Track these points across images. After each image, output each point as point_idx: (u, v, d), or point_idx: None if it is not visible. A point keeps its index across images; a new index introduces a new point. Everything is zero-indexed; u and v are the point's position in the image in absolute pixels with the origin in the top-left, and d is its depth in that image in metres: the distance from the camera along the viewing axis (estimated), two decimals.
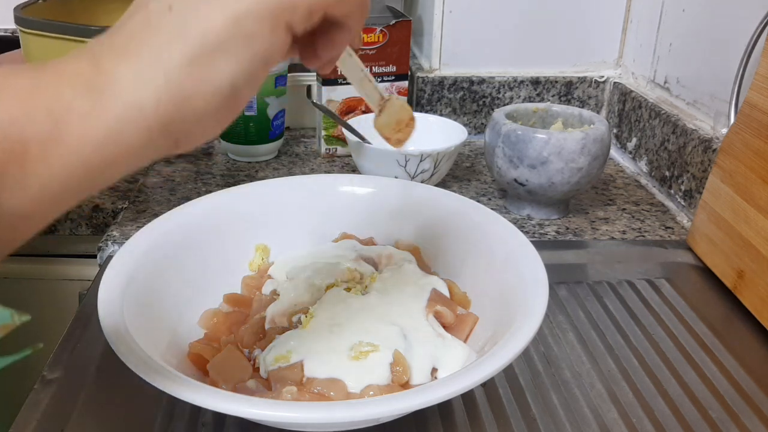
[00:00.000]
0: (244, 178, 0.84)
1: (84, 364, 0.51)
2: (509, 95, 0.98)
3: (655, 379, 0.52)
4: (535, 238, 0.72)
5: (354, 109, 0.89)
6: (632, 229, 0.74)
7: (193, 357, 0.49)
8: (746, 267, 0.60)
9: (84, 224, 0.76)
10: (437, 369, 0.48)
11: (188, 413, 0.47)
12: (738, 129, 0.63)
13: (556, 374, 0.52)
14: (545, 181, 0.71)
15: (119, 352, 0.40)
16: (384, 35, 0.86)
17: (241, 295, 0.57)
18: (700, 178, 0.74)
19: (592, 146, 0.70)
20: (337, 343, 0.48)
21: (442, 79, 0.96)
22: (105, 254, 0.67)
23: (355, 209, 0.63)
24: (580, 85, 0.98)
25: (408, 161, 0.74)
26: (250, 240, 0.60)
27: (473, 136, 0.99)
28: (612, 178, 0.88)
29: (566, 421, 0.47)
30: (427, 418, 0.47)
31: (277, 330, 0.51)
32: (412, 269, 0.57)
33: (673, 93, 0.84)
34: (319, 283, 0.54)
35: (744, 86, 0.66)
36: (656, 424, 0.47)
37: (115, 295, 0.45)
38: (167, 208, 0.58)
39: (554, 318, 0.59)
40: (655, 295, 0.63)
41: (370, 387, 0.44)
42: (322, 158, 0.92)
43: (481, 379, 0.39)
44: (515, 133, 0.71)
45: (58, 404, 0.47)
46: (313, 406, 0.38)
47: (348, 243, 0.61)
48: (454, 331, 0.51)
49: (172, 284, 0.52)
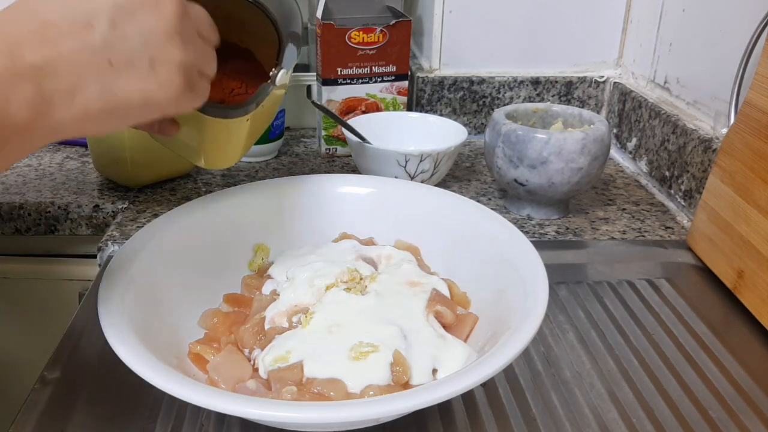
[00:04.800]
0: (244, 178, 0.84)
1: (84, 364, 0.51)
2: (509, 95, 0.98)
3: (655, 379, 0.52)
4: (535, 238, 0.72)
5: (354, 109, 0.89)
6: (632, 229, 0.74)
7: (193, 357, 0.49)
8: (746, 267, 0.60)
9: (84, 224, 0.76)
10: (437, 369, 0.48)
11: (188, 413, 0.47)
12: (738, 129, 0.63)
13: (556, 374, 0.52)
14: (545, 181, 0.71)
15: (119, 352, 0.40)
16: (384, 35, 0.86)
17: (241, 295, 0.57)
18: (700, 178, 0.74)
19: (592, 146, 0.70)
20: (337, 344, 0.48)
21: (442, 79, 0.97)
22: (105, 254, 0.67)
23: (355, 209, 0.63)
24: (580, 85, 0.98)
25: (408, 161, 0.74)
26: (250, 240, 0.60)
27: (473, 136, 0.99)
28: (612, 178, 0.88)
29: (566, 421, 0.47)
30: (427, 418, 0.47)
31: (277, 330, 0.51)
32: (412, 269, 0.57)
33: (673, 93, 0.84)
34: (318, 283, 0.54)
35: (744, 86, 0.66)
36: (656, 424, 0.47)
37: (115, 295, 0.45)
38: (167, 208, 0.58)
39: (554, 318, 0.59)
40: (655, 295, 0.63)
41: (370, 387, 0.44)
42: (322, 158, 0.92)
43: (481, 379, 0.39)
44: (515, 133, 0.71)
45: (58, 404, 0.47)
46: (313, 406, 0.38)
47: (348, 243, 0.61)
48: (454, 331, 0.51)
49: (172, 284, 0.52)
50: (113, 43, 0.38)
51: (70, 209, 0.75)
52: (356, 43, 0.85)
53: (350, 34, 0.85)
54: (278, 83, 0.54)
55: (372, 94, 0.89)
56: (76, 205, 0.75)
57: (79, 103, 0.37)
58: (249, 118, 0.53)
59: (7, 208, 0.74)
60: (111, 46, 0.38)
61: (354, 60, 0.86)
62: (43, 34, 0.36)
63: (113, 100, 0.39)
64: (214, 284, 0.56)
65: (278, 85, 0.54)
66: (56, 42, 0.36)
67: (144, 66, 0.39)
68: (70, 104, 0.37)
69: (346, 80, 0.87)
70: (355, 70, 0.87)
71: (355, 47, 0.85)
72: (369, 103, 0.90)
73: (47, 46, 0.36)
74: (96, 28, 0.37)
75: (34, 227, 0.75)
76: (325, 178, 0.64)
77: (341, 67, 0.86)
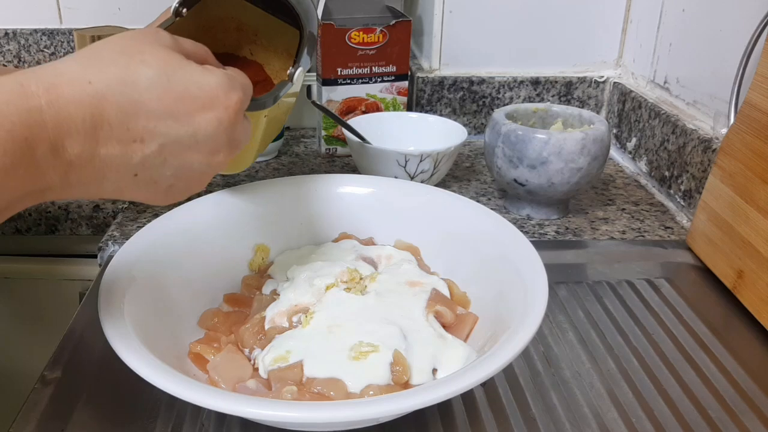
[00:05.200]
0: (244, 178, 0.84)
1: (84, 364, 0.51)
2: (509, 95, 0.98)
3: (655, 379, 0.52)
4: (535, 238, 0.72)
5: (354, 109, 0.89)
6: (632, 229, 0.74)
7: (193, 357, 0.49)
8: (746, 267, 0.60)
9: (84, 224, 0.76)
10: (437, 369, 0.48)
11: (188, 413, 0.47)
12: (738, 129, 0.63)
13: (556, 374, 0.52)
14: (545, 181, 0.71)
15: (119, 352, 0.40)
16: (384, 35, 0.86)
17: (241, 295, 0.57)
18: (699, 178, 0.74)
19: (591, 146, 0.70)
20: (336, 344, 0.48)
21: (442, 79, 0.97)
22: (105, 254, 0.67)
23: (355, 209, 0.63)
24: (580, 85, 0.98)
25: (408, 161, 0.74)
26: (250, 240, 0.60)
27: (473, 136, 0.99)
28: (612, 178, 0.88)
29: (566, 421, 0.47)
30: (427, 418, 0.47)
31: (277, 330, 0.51)
32: (412, 269, 0.57)
33: (673, 93, 0.84)
34: (318, 283, 0.54)
35: (744, 86, 0.66)
36: (656, 424, 0.47)
37: (115, 295, 0.45)
38: (167, 208, 0.58)
39: (554, 318, 0.59)
40: (655, 295, 0.63)
41: (370, 387, 0.44)
42: (322, 158, 0.92)
43: (481, 379, 0.39)
44: (515, 133, 0.71)
45: (58, 404, 0.47)
46: (313, 406, 0.38)
47: (348, 243, 0.61)
48: (454, 331, 0.51)
49: (172, 284, 0.52)
50: (149, 166, 0.39)
51: (70, 209, 0.75)
52: (356, 43, 0.85)
53: (350, 35, 0.85)
54: (296, 81, 0.54)
55: (372, 94, 0.89)
56: (76, 205, 0.75)
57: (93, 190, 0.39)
58: (267, 114, 0.53)
59: None
60: (146, 167, 0.39)
61: (354, 60, 0.86)
62: (95, 133, 0.36)
63: (123, 195, 0.41)
64: (214, 284, 0.56)
65: (295, 83, 0.54)
66: (101, 143, 0.37)
67: (162, 188, 0.42)
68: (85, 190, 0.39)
69: (346, 80, 0.87)
70: (355, 70, 0.87)
71: (355, 47, 0.85)
72: (369, 103, 0.90)
73: (89, 145, 0.36)
74: (144, 147, 0.39)
75: (34, 227, 0.75)
76: (325, 178, 0.64)
77: (341, 67, 0.86)
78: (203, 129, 0.40)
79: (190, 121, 0.40)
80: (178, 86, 0.39)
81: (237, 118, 0.42)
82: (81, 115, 0.35)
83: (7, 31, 1.06)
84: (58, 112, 0.35)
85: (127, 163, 0.38)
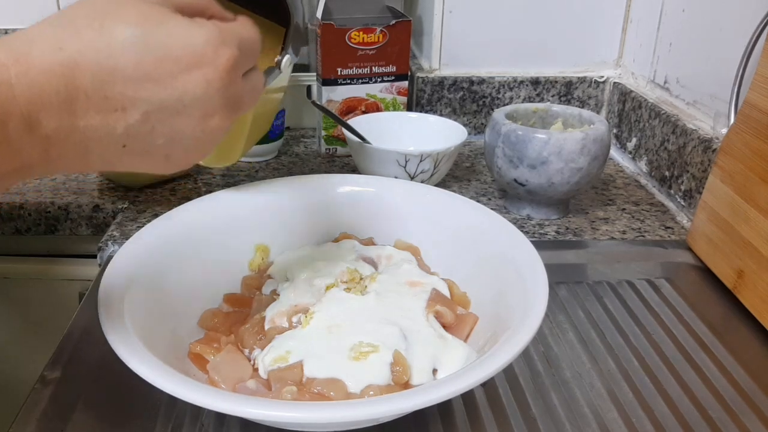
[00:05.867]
0: (244, 178, 0.84)
1: (84, 364, 0.51)
2: (509, 95, 0.98)
3: (655, 379, 0.52)
4: (535, 238, 0.72)
5: (354, 109, 0.89)
6: (632, 229, 0.74)
7: (193, 357, 0.49)
8: (746, 267, 0.60)
9: (84, 224, 0.76)
10: (437, 369, 0.48)
11: (188, 413, 0.47)
12: (738, 129, 0.63)
13: (556, 374, 0.52)
14: (545, 181, 0.71)
15: (119, 352, 0.40)
16: (384, 35, 0.86)
17: (241, 295, 0.57)
18: (699, 178, 0.74)
19: (591, 146, 0.70)
20: (336, 344, 0.48)
21: (442, 79, 0.97)
22: (105, 254, 0.67)
23: (355, 209, 0.63)
24: (580, 85, 0.98)
25: (408, 161, 0.74)
26: (250, 240, 0.60)
27: (473, 136, 0.99)
28: (612, 178, 0.88)
29: (566, 421, 0.47)
30: (427, 418, 0.47)
31: (277, 330, 0.51)
32: (412, 269, 0.57)
33: (673, 93, 0.84)
34: (318, 283, 0.54)
35: (744, 86, 0.66)
36: (656, 424, 0.47)
37: (115, 295, 0.45)
38: (167, 208, 0.58)
39: (554, 318, 0.59)
40: (655, 295, 0.63)
41: (370, 387, 0.44)
42: (322, 158, 0.92)
43: (481, 379, 0.39)
44: (515, 133, 0.71)
45: (57, 404, 0.47)
46: (313, 406, 0.38)
47: (348, 243, 0.61)
48: (454, 331, 0.51)
49: (172, 284, 0.52)
50: (136, 136, 0.36)
51: (70, 209, 0.75)
52: (356, 43, 0.85)
53: (350, 35, 0.85)
54: (283, 68, 0.53)
55: (372, 94, 0.89)
56: (76, 205, 0.75)
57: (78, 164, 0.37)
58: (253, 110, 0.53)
59: (7, 208, 0.74)
60: (133, 137, 0.36)
61: (354, 60, 0.86)
62: (70, 105, 0.34)
63: (116, 167, 0.38)
64: (214, 284, 0.56)
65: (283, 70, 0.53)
66: (78, 115, 0.34)
67: (159, 158, 0.39)
68: (71, 164, 0.36)
69: (346, 80, 0.87)
70: (355, 70, 0.87)
71: (355, 47, 0.85)
72: (369, 103, 0.90)
73: (66, 118, 0.34)
74: (126, 116, 0.35)
75: (34, 227, 0.75)
76: (325, 178, 0.64)
77: (341, 67, 0.86)
78: (190, 91, 0.36)
79: (173, 83, 0.36)
80: (158, 46, 0.35)
81: (231, 76, 0.38)
82: (54, 86, 0.33)
83: (7, 30, 1.06)
84: (29, 85, 0.32)
85: (111, 134, 0.35)
